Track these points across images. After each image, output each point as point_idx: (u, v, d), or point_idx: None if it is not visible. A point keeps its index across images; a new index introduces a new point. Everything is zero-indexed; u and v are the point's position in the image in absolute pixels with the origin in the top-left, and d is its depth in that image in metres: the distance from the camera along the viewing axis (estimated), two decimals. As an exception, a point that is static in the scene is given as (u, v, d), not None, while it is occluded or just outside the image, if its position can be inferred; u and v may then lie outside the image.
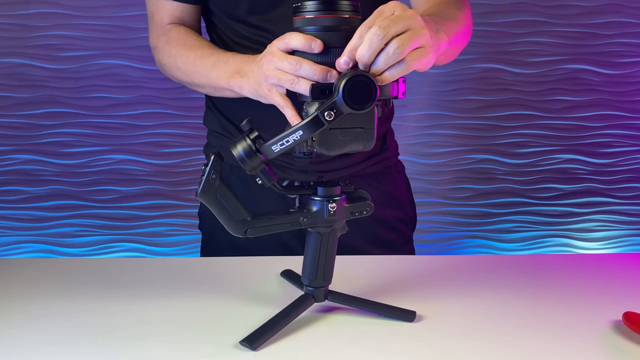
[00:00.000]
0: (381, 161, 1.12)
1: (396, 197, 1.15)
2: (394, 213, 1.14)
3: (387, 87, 0.70)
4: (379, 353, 0.70)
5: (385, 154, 1.13)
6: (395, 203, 1.15)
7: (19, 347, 0.72)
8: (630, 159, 2.14)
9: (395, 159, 1.18)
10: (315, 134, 0.68)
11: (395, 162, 1.18)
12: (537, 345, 0.72)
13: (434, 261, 1.00)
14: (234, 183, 1.08)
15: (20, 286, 0.91)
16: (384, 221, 1.11)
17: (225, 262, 1.02)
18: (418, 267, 0.97)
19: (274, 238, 0.87)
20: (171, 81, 1.08)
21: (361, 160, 1.09)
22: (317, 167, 1.04)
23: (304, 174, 1.05)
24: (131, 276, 0.95)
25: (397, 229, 1.15)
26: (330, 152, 0.71)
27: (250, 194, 1.06)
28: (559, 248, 2.25)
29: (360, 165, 1.09)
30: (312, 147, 0.71)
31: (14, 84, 1.99)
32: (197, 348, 0.71)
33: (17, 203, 2.10)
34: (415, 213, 1.23)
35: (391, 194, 1.14)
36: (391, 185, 1.14)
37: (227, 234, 0.74)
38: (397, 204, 1.16)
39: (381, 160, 1.12)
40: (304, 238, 0.78)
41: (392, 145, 1.17)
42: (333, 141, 0.70)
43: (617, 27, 1.99)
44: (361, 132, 0.70)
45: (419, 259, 1.01)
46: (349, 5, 0.70)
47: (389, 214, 1.12)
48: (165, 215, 2.14)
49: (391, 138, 1.17)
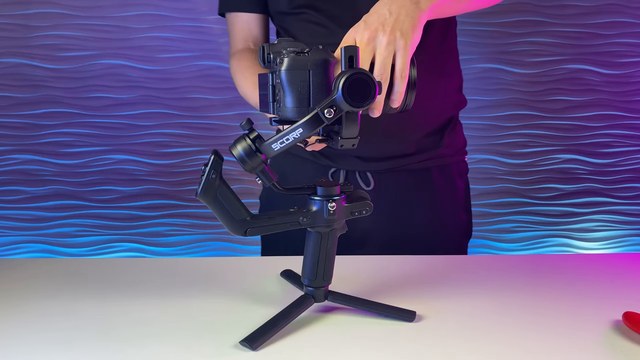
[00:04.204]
0: (434, 158, 1.06)
1: (447, 200, 1.09)
2: (440, 217, 1.08)
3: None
4: (379, 353, 0.70)
5: (439, 151, 1.06)
6: (446, 206, 1.08)
7: (19, 347, 0.72)
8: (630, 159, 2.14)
9: (456, 158, 1.10)
10: (313, 132, 0.68)
11: (454, 161, 1.10)
12: (537, 345, 0.72)
13: (434, 261, 1.00)
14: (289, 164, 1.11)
15: (20, 286, 0.91)
16: (424, 225, 1.06)
17: (225, 262, 1.02)
18: (418, 267, 0.97)
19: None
20: (171, 81, 1.09)
21: (410, 153, 1.04)
22: (361, 153, 1.03)
23: (346, 161, 1.05)
24: (131, 276, 0.95)
25: (441, 235, 1.08)
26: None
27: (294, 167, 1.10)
28: (559, 248, 2.25)
29: (408, 158, 1.04)
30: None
31: (14, 84, 1.99)
32: (197, 348, 0.71)
33: (17, 203, 2.11)
34: (471, 221, 1.14)
35: (441, 196, 1.08)
36: (444, 186, 1.08)
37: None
38: (449, 207, 1.09)
39: (434, 157, 1.06)
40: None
41: (453, 143, 1.10)
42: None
43: (617, 27, 1.99)
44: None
45: (419, 259, 1.01)
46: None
47: (434, 218, 1.07)
48: (165, 215, 2.14)
49: (453, 135, 1.10)
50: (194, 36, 1.97)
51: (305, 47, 0.70)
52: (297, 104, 0.69)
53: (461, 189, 1.12)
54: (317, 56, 0.69)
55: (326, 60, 0.69)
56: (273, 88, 0.72)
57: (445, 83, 1.06)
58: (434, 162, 1.07)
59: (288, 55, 0.69)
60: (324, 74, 0.69)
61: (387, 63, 0.70)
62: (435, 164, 1.08)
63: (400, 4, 0.73)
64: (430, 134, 1.06)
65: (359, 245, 1.10)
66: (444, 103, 1.06)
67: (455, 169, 1.11)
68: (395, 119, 1.01)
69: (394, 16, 0.71)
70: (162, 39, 1.96)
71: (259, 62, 0.73)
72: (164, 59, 1.96)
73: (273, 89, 0.72)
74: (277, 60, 0.69)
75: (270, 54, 0.71)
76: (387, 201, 1.08)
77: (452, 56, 1.08)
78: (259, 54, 0.73)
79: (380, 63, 0.70)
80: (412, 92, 0.75)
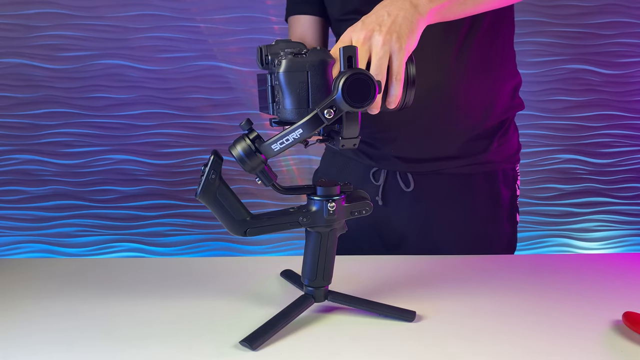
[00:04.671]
0: (479, 163, 1.04)
1: (488, 210, 1.06)
2: (479, 227, 1.06)
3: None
4: (379, 353, 0.70)
5: (485, 156, 1.04)
6: (487, 216, 1.06)
7: (19, 347, 0.72)
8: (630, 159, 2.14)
9: (504, 166, 1.07)
10: (313, 132, 0.68)
11: (501, 169, 1.07)
12: (537, 345, 0.72)
13: (434, 261, 1.00)
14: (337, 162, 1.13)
15: (20, 286, 0.91)
16: (461, 233, 1.04)
17: (225, 262, 1.02)
18: (418, 267, 0.97)
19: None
20: (171, 81, 1.09)
21: (453, 156, 1.02)
22: (401, 153, 1.03)
23: (387, 161, 1.05)
24: (131, 276, 0.95)
25: (480, 246, 1.05)
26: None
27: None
28: (559, 248, 2.25)
29: (450, 162, 1.03)
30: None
31: (14, 84, 1.99)
32: (197, 348, 0.71)
33: (17, 203, 2.11)
34: (515, 232, 1.11)
35: (482, 205, 1.05)
36: (486, 194, 1.05)
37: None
38: (489, 217, 1.06)
39: (479, 163, 1.04)
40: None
41: (503, 149, 1.07)
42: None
43: (617, 27, 1.99)
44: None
45: (418, 259, 1.01)
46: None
47: (472, 227, 1.05)
48: (165, 215, 2.14)
49: (504, 140, 1.06)
50: (194, 36, 1.97)
51: (303, 48, 0.70)
52: (297, 105, 0.69)
53: (506, 198, 1.08)
54: (314, 57, 0.69)
55: (324, 60, 0.69)
56: (272, 89, 0.71)
57: (495, 84, 1.03)
58: (478, 168, 1.04)
59: (286, 56, 0.68)
60: (323, 75, 0.69)
61: (382, 63, 0.70)
62: (479, 170, 1.05)
63: (399, 7, 0.73)
64: (477, 137, 1.03)
65: (394, 248, 1.09)
66: (493, 105, 1.03)
67: (501, 177, 1.07)
68: (438, 118, 1.00)
69: (391, 18, 0.72)
70: (162, 39, 1.97)
71: (257, 63, 0.73)
72: (164, 59, 1.96)
73: (272, 90, 0.71)
74: (275, 61, 0.69)
75: (267, 55, 0.71)
76: (425, 205, 1.06)
77: (506, 57, 1.05)
78: (256, 56, 0.73)
79: (376, 63, 0.70)
80: (411, 90, 0.74)
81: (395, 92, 0.72)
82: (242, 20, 1.97)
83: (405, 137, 1.02)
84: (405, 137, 1.02)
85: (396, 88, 0.71)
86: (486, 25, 0.99)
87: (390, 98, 0.72)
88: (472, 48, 0.99)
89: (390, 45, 0.70)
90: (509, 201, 1.08)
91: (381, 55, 0.69)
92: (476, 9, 0.84)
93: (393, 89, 0.71)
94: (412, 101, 0.75)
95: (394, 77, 0.71)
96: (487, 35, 1.00)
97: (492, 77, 1.02)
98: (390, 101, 0.72)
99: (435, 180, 1.05)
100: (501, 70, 1.04)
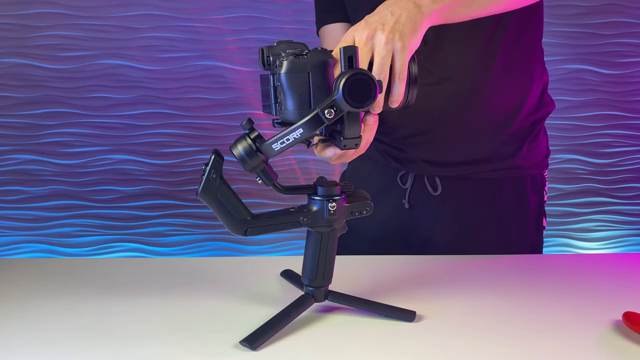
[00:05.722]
0: (507, 168, 1.03)
1: (515, 216, 1.05)
2: (505, 233, 1.05)
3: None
4: (379, 353, 0.70)
5: (514, 161, 1.03)
6: (513, 222, 1.05)
7: (18, 347, 0.72)
8: (630, 159, 2.14)
9: (532, 172, 1.06)
10: (314, 132, 0.68)
11: (529, 174, 1.06)
12: (537, 345, 0.72)
13: (434, 261, 1.00)
14: (364, 169, 1.13)
15: (20, 286, 0.91)
16: (486, 240, 1.04)
17: (225, 262, 1.02)
18: (418, 267, 0.97)
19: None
20: (171, 81, 1.09)
21: (481, 160, 1.02)
22: (429, 157, 1.03)
23: (414, 164, 1.05)
24: (131, 276, 0.95)
25: (505, 251, 1.04)
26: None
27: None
28: (559, 248, 2.25)
29: (478, 166, 1.02)
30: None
31: (14, 84, 1.99)
32: (197, 348, 0.71)
33: (17, 203, 2.11)
34: (541, 237, 1.10)
35: (508, 211, 1.05)
36: (513, 200, 1.05)
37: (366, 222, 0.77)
38: (515, 224, 1.06)
39: (507, 168, 1.03)
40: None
41: (532, 155, 1.05)
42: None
43: (617, 27, 1.99)
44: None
45: (418, 259, 1.00)
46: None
47: (498, 233, 1.04)
48: (165, 215, 2.14)
49: (534, 145, 1.05)
50: (194, 36, 1.97)
51: (304, 49, 0.70)
52: (298, 106, 0.69)
53: (533, 204, 1.07)
54: (316, 58, 0.69)
55: (325, 61, 0.69)
56: (274, 90, 0.71)
57: (525, 83, 1.02)
58: (506, 173, 1.04)
59: (287, 57, 0.68)
60: (324, 75, 0.69)
61: (385, 62, 0.70)
62: (508, 176, 1.04)
63: (403, 7, 0.73)
64: (508, 139, 1.03)
65: (419, 252, 1.09)
66: (524, 103, 1.02)
67: (529, 182, 1.06)
68: (468, 120, 0.99)
69: (394, 17, 0.72)
70: (162, 39, 1.97)
71: (259, 64, 0.73)
72: (164, 59, 1.96)
73: (274, 90, 0.72)
74: (276, 62, 0.69)
75: (269, 56, 0.71)
76: (452, 209, 1.06)
77: (534, 56, 1.04)
78: (258, 57, 0.72)
79: (379, 61, 0.70)
80: (414, 88, 0.74)
81: (397, 91, 0.72)
82: (241, 20, 1.97)
83: (434, 140, 1.02)
84: (434, 141, 1.02)
85: (399, 87, 0.71)
86: (513, 24, 0.98)
87: (393, 97, 0.72)
88: (499, 47, 0.98)
89: (393, 44, 0.70)
90: (536, 207, 1.08)
91: (384, 54, 0.69)
92: (482, 12, 0.83)
93: (396, 88, 0.71)
94: (414, 100, 0.75)
95: (397, 76, 0.71)
96: (514, 34, 0.99)
97: (522, 76, 1.02)
98: (393, 100, 0.72)
99: (463, 184, 1.05)
100: (530, 69, 1.03)
